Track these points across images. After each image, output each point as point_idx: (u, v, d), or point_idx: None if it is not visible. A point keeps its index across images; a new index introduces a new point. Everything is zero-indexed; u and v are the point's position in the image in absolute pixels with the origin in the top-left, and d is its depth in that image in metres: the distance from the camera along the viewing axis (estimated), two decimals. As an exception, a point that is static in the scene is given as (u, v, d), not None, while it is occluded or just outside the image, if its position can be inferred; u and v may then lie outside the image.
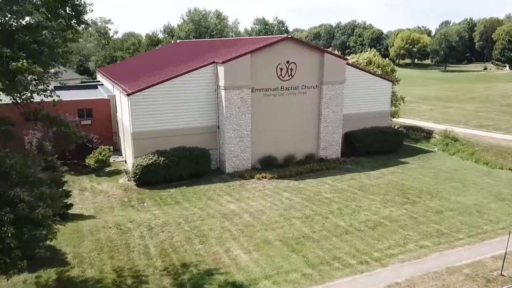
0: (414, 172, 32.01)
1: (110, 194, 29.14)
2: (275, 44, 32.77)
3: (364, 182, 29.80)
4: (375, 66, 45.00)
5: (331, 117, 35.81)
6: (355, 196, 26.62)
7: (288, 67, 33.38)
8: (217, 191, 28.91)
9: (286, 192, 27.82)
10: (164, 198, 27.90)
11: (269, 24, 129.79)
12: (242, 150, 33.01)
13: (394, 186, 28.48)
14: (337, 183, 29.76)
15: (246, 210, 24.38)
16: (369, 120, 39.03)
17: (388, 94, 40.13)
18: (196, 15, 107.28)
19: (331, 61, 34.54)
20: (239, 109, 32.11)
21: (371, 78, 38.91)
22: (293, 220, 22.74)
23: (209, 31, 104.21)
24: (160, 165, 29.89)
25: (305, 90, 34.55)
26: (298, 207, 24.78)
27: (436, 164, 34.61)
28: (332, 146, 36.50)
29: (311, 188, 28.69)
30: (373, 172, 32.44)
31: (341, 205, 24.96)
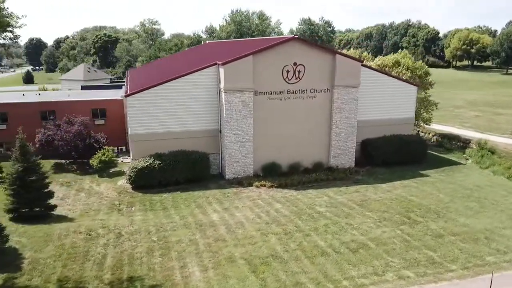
0: (430, 187, 28.80)
1: (103, 196, 28.88)
2: (281, 45, 30.95)
3: (368, 196, 27.19)
4: (404, 69, 41.56)
5: (343, 123, 33.31)
6: (350, 211, 24.23)
7: (295, 69, 31.42)
8: (209, 198, 27.69)
9: (279, 203, 25.98)
10: (153, 203, 27.13)
11: (314, 24, 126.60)
12: (244, 156, 31.52)
13: (399, 202, 25.66)
14: (338, 195, 27.42)
15: (226, 222, 22.91)
16: (390, 128, 35.98)
17: (412, 100, 36.78)
18: (238, 16, 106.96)
19: (344, 63, 32.08)
20: (240, 113, 30.66)
21: (393, 82, 35.86)
22: (270, 236, 20.94)
23: (250, 32, 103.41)
24: (155, 168, 29.20)
25: (314, 94, 32.38)
26: (283, 221, 22.90)
27: (460, 178, 31.01)
28: (345, 154, 33.97)
29: (307, 200, 26.62)
30: (383, 185, 29.63)
31: (330, 221, 22.74)
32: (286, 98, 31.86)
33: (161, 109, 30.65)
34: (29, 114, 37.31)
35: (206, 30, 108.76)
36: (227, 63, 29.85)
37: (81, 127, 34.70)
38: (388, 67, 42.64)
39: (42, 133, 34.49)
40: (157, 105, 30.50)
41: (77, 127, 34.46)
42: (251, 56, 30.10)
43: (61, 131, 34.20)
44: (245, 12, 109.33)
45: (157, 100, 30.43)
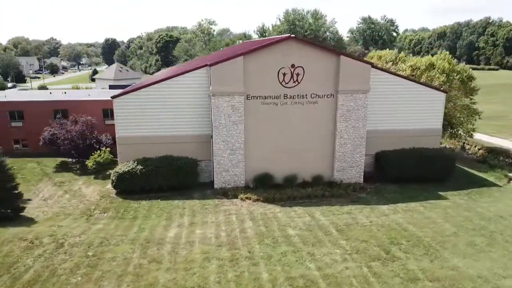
0: (438, 214, 24.32)
1: (85, 200, 28.31)
2: (276, 45, 28.14)
3: (358, 219, 23.54)
4: (438, 72, 36.37)
5: (350, 133, 29.61)
6: (323, 238, 20.92)
7: (293, 71, 28.42)
8: (185, 209, 25.83)
9: (251, 222, 23.36)
10: (127, 211, 25.91)
11: (375, 23, 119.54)
12: (234, 165, 29.19)
13: (388, 231, 21.75)
14: (324, 216, 24.09)
15: (177, 240, 20.84)
16: (411, 140, 31.53)
17: (439, 108, 31.86)
18: (291, 15, 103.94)
19: (350, 66, 28.42)
20: (229, 118, 28.38)
21: (415, 88, 31.30)
22: (212, 261, 18.49)
23: (302, 32, 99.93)
24: (137, 174, 27.97)
25: (315, 100, 29.11)
26: (239, 244, 20.28)
27: (483, 205, 25.98)
28: (351, 168, 30.23)
29: (285, 219, 23.67)
30: (383, 207, 25.67)
31: (292, 248, 19.68)
32: (283, 103, 28.95)
33: (149, 112, 29.37)
34: (43, 112, 38.20)
35: (258, 29, 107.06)
36: (214, 65, 27.73)
37: (83, 126, 34.64)
38: (420, 70, 37.65)
39: (47, 132, 34.98)
40: (145, 107, 29.26)
41: (79, 127, 34.44)
42: (241, 57, 27.67)
43: (64, 130, 34.39)
44: (300, 10, 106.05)
45: (145, 103, 29.20)
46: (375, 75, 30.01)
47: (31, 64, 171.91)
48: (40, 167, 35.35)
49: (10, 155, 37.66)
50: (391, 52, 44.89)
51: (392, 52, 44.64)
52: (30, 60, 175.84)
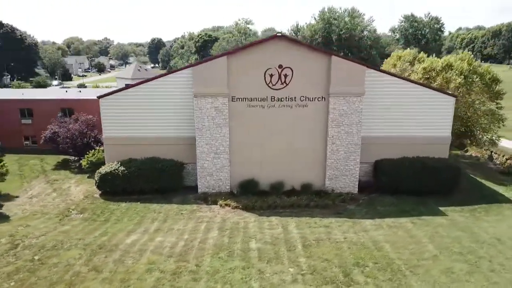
0: (426, 232, 21.81)
1: (68, 199, 28.41)
2: (261, 44, 26.67)
3: (332, 234, 21.59)
4: (456, 74, 33.11)
5: (342, 139, 27.53)
6: (284, 254, 19.26)
7: (280, 72, 26.81)
8: (161, 214, 25.11)
9: (219, 231, 22.15)
10: (104, 213, 25.61)
11: (418, 21, 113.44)
12: (218, 169, 28.06)
13: (360, 250, 19.67)
14: (297, 229, 22.37)
15: (131, 247, 20.03)
16: (416, 148, 28.89)
17: (448, 114, 28.89)
18: (327, 13, 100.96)
19: (342, 67, 26.36)
20: (213, 121, 27.28)
21: (420, 91, 28.55)
22: (154, 273, 17.45)
23: (337, 31, 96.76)
24: (119, 175, 27.60)
25: (305, 103, 27.31)
26: (192, 256, 19.12)
27: (483, 224, 23.06)
28: (344, 176, 28.12)
29: (255, 231, 22.23)
30: (367, 221, 23.47)
31: (245, 264, 18.22)
32: (270, 106, 27.41)
33: (135, 113, 28.93)
34: (51, 110, 39.03)
35: (292, 29, 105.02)
36: (196, 65, 26.74)
37: (82, 125, 34.94)
38: (435, 71, 34.51)
39: (49, 130, 35.65)
40: (130, 108, 28.86)
41: (78, 125, 34.78)
42: (225, 57, 26.47)
43: (64, 128, 34.87)
44: (336, 9, 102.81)
45: (130, 103, 28.79)
46: (374, 77, 27.74)
47: (80, 63, 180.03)
48: (42, 164, 36.11)
49: (20, 151, 39.10)
50: (410, 52, 41.65)
51: (410, 52, 41.41)
52: (80, 59, 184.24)
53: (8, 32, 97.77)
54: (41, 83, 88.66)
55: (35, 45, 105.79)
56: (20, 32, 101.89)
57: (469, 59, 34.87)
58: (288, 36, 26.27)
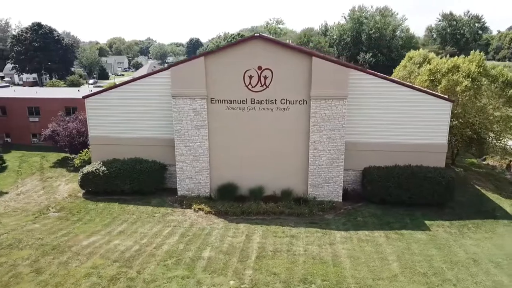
0: (397, 248, 20.15)
1: (52, 197, 28.88)
2: (240, 45, 25.81)
3: (293, 246, 20.42)
4: (463, 76, 30.67)
5: (324, 145, 26.17)
6: (232, 265, 18.37)
7: (260, 74, 25.87)
8: (134, 216, 24.96)
9: (179, 237, 21.61)
10: (80, 212, 25.83)
11: (457, 20, 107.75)
12: (197, 172, 27.53)
13: (314, 264, 18.40)
14: (261, 238, 21.40)
15: (84, 250, 19.86)
16: (409, 156, 27.01)
17: (444, 120, 26.73)
18: (357, 12, 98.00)
19: (324, 69, 25.02)
20: (192, 122, 26.79)
21: (413, 95, 26.60)
22: (91, 278, 17.08)
23: (367, 30, 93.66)
24: (99, 175, 27.74)
25: (286, 106, 26.20)
26: (138, 262, 18.65)
27: (467, 242, 21.02)
28: (327, 184, 26.74)
29: (216, 238, 21.49)
30: (339, 233, 22.08)
31: (186, 274, 17.45)
32: (250, 109, 26.52)
33: (119, 113, 28.99)
34: (57, 109, 40.10)
35: (320, 28, 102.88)
36: (174, 65, 26.33)
37: (80, 124, 35.56)
38: (441, 73, 32.16)
39: (50, 128, 36.61)
40: (115, 108, 28.95)
41: (75, 124, 35.43)
42: (202, 58, 25.88)
43: (62, 126, 35.67)
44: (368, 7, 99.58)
45: (115, 103, 28.87)
46: (361, 79, 26.18)
47: (120, 63, 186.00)
48: (42, 161, 37.10)
49: (27, 148, 40.43)
50: (420, 52, 39.16)
51: (420, 53, 38.92)
52: (119, 59, 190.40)
53: (47, 33, 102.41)
54: (74, 82, 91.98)
55: (72, 45, 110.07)
56: (58, 33, 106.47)
57: (479, 60, 32.19)
58: (266, 36, 25.24)
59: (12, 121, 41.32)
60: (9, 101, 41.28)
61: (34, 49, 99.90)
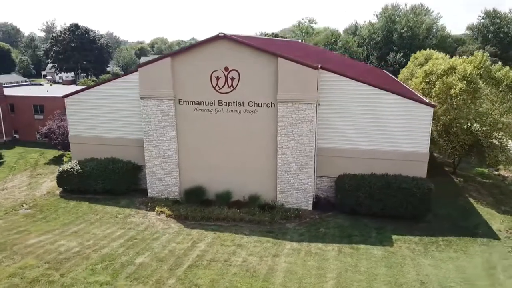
0: (343, 265, 18.67)
1: (32, 193, 29.65)
2: (205, 45, 25.11)
3: (233, 256, 19.50)
4: (458, 79, 28.23)
5: (293, 150, 24.96)
6: (159, 273, 17.77)
7: (227, 75, 25.10)
8: (97, 216, 25.09)
9: (124, 240, 21.35)
10: (50, 210, 26.40)
11: (501, 17, 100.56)
12: (166, 174, 27.21)
13: (244, 277, 17.37)
14: (206, 246, 20.66)
15: (24, 249, 20.03)
16: (387, 164, 25.15)
17: (425, 126, 24.62)
18: (389, 10, 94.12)
19: (290, 70, 23.82)
20: (160, 124, 26.50)
21: (391, 99, 24.73)
22: (14, 279, 17.14)
23: (398, 29, 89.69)
24: (73, 174, 28.14)
25: (254, 108, 25.24)
26: (68, 264, 18.51)
27: (426, 262, 19.11)
28: (297, 191, 25.51)
29: (162, 243, 21.02)
30: (290, 244, 20.85)
31: (107, 280, 17.07)
32: (218, 111, 25.81)
33: (97, 113, 29.33)
34: (59, 107, 41.25)
35: (349, 27, 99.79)
36: (142, 66, 26.12)
37: None
38: (435, 75, 29.81)
39: (47, 125, 37.75)
40: (92, 108, 29.30)
41: None
42: (168, 58, 25.48)
43: (56, 124, 36.66)
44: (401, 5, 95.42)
45: (91, 104, 29.22)
46: (335, 82, 24.76)
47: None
48: (39, 158, 38.35)
49: (32, 144, 41.98)
50: (423, 52, 36.60)
51: (423, 53, 36.39)
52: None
53: (83, 33, 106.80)
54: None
55: (107, 45, 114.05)
56: (94, 34, 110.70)
57: (481, 61, 29.50)
58: (230, 36, 24.33)
59: (19, 118, 43.12)
60: (16, 99, 43.12)
61: (71, 49, 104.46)
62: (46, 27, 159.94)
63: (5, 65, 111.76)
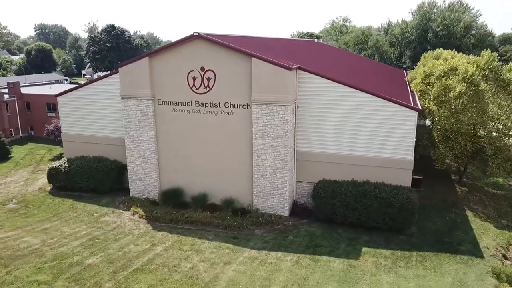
0: (294, 277, 17.59)
1: (26, 188, 30.56)
2: (181, 45, 24.70)
3: (184, 262, 18.97)
4: (458, 81, 26.06)
5: (268, 153, 24.06)
6: (102, 277, 17.60)
7: (203, 76, 24.62)
8: (75, 213, 25.50)
9: (87, 241, 21.39)
10: (34, 205, 27.16)
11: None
12: (146, 174, 27.15)
13: (183, 285, 16.82)
14: (163, 250, 20.29)
15: (-11, 243, 20.59)
16: (370, 170, 23.78)
17: (409, 131, 22.90)
18: (426, 8, 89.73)
19: (264, 71, 22.92)
20: (139, 124, 26.47)
21: (373, 102, 23.21)
22: (-37, 273, 17.62)
23: (434, 27, 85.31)
24: (61, 171, 28.79)
25: (230, 110, 24.58)
26: (17, 263, 18.74)
27: (385, 279, 17.63)
28: (272, 196, 24.58)
29: (121, 245, 20.89)
30: (248, 252, 20.02)
31: (48, 279, 17.15)
32: (195, 112, 25.38)
33: (86, 112, 29.82)
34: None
35: (381, 26, 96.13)
36: (123, 65, 26.17)
37: None
38: (435, 76, 27.67)
39: (53, 123, 39.00)
40: (81, 107, 29.81)
41: None
42: (146, 58, 25.34)
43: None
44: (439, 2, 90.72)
45: (82, 102, 29.72)
46: (313, 83, 23.66)
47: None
48: (45, 154, 39.62)
49: (44, 141, 43.50)
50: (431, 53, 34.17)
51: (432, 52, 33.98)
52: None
53: (118, 34, 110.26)
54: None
55: (141, 46, 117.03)
56: (129, 34, 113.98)
57: (487, 61, 27.04)
58: (205, 36, 23.67)
59: (34, 116, 44.92)
60: (32, 98, 44.94)
61: (107, 49, 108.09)
62: (88, 28, 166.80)
63: (48, 65, 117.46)
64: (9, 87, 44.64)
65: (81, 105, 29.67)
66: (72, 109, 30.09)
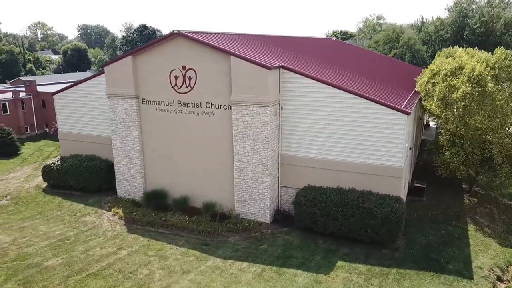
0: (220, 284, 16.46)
1: (23, 185, 31.09)
2: (162, 43, 24.02)
3: (142, 269, 18.21)
4: (463, 81, 23.76)
5: (249, 157, 22.92)
6: (44, 279, 17.18)
7: (185, 75, 23.84)
8: (59, 212, 25.55)
9: (57, 241, 21.16)
10: (25, 202, 27.50)
11: None
12: (132, 174, 26.74)
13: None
14: (127, 253, 19.67)
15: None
16: (358, 178, 22.07)
17: (399, 136, 20.99)
18: (463, 3, 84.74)
19: (243, 70, 21.79)
20: (124, 123, 26.08)
21: (361, 105, 21.48)
22: None
23: (471, 24, 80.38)
24: (53, 169, 29.02)
25: (211, 110, 23.66)
26: (-16, 259, 18.76)
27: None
28: (254, 201, 23.42)
29: (87, 247, 20.45)
30: (213, 261, 18.99)
31: None
32: (177, 111, 24.64)
33: (81, 111, 29.92)
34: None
35: (414, 24, 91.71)
36: (108, 64, 25.87)
37: None
38: (440, 75, 25.39)
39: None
40: (76, 106, 29.93)
41: None
42: (130, 57, 24.86)
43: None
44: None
45: (76, 101, 29.83)
46: (299, 83, 22.30)
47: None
48: (53, 152, 40.35)
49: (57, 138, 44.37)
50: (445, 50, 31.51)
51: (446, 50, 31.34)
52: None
53: (150, 33, 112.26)
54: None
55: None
56: (160, 33, 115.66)
57: (499, 59, 24.54)
58: (185, 34, 22.76)
59: (49, 113, 45.98)
60: (47, 95, 46.01)
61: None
62: (125, 28, 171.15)
63: (83, 64, 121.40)
64: (25, 85, 45.95)
65: (75, 103, 29.76)
66: (67, 107, 30.25)
